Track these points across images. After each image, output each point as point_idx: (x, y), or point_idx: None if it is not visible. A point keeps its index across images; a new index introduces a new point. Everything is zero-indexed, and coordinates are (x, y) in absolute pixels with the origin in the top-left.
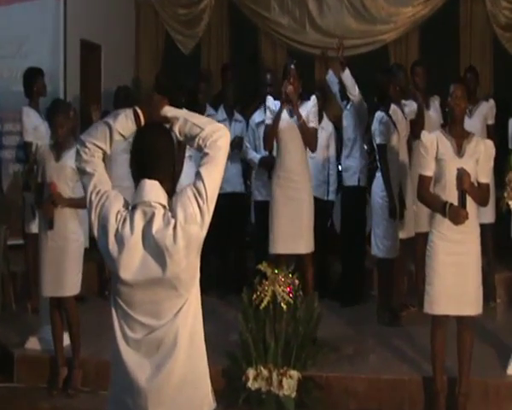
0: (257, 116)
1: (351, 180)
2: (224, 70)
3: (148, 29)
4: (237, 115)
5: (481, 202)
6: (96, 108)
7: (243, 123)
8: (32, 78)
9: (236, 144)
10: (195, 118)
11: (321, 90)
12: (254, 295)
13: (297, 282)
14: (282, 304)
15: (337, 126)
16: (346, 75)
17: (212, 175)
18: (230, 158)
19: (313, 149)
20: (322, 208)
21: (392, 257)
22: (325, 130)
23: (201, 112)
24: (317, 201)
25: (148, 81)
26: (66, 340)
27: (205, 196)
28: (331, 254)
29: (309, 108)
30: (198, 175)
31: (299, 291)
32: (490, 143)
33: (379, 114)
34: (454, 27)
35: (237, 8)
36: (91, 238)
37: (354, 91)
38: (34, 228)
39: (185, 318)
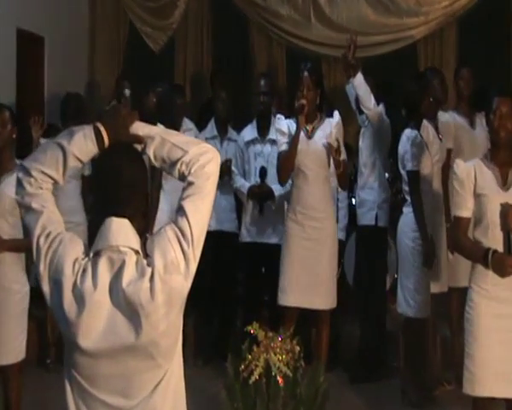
0: (247, 133)
1: (366, 218)
2: (215, 75)
3: (107, 19)
4: (231, 132)
5: None
6: (36, 120)
7: (238, 143)
8: None
9: (226, 170)
10: (175, 137)
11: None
12: (242, 366)
13: (298, 349)
14: (278, 377)
15: (350, 147)
16: (359, 82)
17: (199, 211)
18: (220, 187)
19: (344, 187)
20: None
21: (423, 317)
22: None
23: (176, 127)
24: None
25: (107, 86)
26: None
27: (190, 238)
28: (342, 313)
29: (332, 129)
30: (181, 211)
31: (301, 361)
32: None
33: (410, 133)
34: (501, 21)
35: None
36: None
37: (369, 103)
38: None
39: (164, 396)
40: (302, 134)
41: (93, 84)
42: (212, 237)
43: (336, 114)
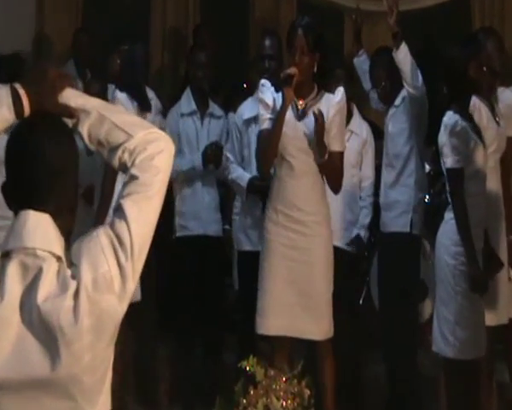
0: (246, 109)
1: (397, 224)
2: (198, 33)
3: None
4: (214, 107)
5: None
6: None
7: (224, 120)
8: None
9: (212, 156)
10: (119, 115)
11: (349, 69)
12: None
13: (307, 392)
14: None
15: (377, 129)
16: (404, 53)
17: (144, 214)
18: (202, 179)
19: (336, 190)
20: (350, 268)
21: (471, 358)
22: (356, 136)
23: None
24: (342, 255)
25: (61, 43)
26: None
27: (129, 249)
28: (366, 349)
29: (330, 109)
30: (120, 212)
31: (311, 409)
32: None
33: (449, 119)
34: None
35: None
36: None
37: (416, 80)
38: None
39: None
40: (290, 112)
41: (41, 41)
42: (195, 244)
43: (340, 90)
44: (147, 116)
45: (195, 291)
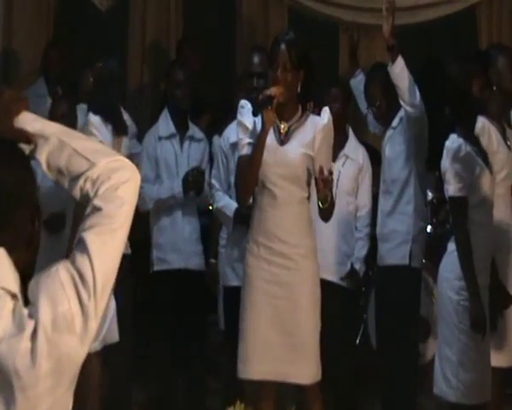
0: (233, 132)
1: (395, 256)
2: (180, 49)
3: None
4: (194, 129)
5: None
6: None
7: (205, 143)
8: None
9: (193, 183)
10: (80, 141)
11: (345, 88)
12: None
13: None
14: None
15: (376, 154)
16: (400, 68)
17: (107, 249)
18: (182, 208)
19: (327, 219)
20: (345, 304)
21: (476, 403)
22: (351, 161)
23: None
24: (337, 291)
25: (29, 58)
26: None
27: (92, 286)
28: (363, 390)
29: (316, 134)
30: (81, 245)
31: None
32: None
33: (454, 142)
34: None
35: None
36: None
37: (413, 98)
38: None
39: None
40: (271, 136)
41: (8, 57)
42: (174, 279)
43: (326, 111)
44: (122, 140)
45: (176, 330)
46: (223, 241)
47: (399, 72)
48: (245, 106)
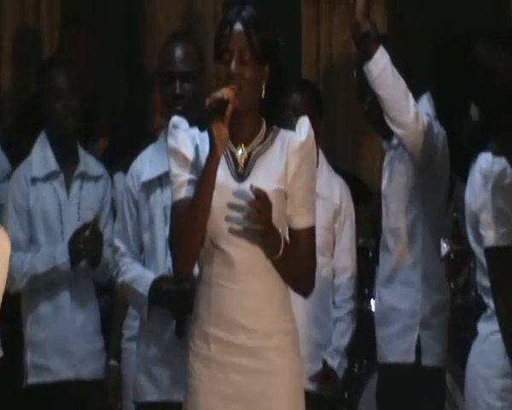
0: (145, 165)
1: (396, 348)
2: (62, 37)
3: None
4: (87, 162)
5: None
6: None
7: (106, 182)
8: None
9: (85, 248)
10: None
11: (310, 90)
12: None
13: None
14: None
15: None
16: (381, 67)
17: None
18: (70, 286)
19: (306, 292)
20: None
21: None
22: (322, 201)
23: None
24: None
25: None
26: None
27: None
28: None
29: (289, 157)
30: None
31: None
32: None
33: (492, 164)
34: None
35: None
36: None
37: (405, 113)
38: None
39: None
40: (224, 166)
41: None
42: (59, 396)
43: (304, 123)
44: None
45: None
46: (130, 332)
47: (380, 72)
48: (179, 124)
